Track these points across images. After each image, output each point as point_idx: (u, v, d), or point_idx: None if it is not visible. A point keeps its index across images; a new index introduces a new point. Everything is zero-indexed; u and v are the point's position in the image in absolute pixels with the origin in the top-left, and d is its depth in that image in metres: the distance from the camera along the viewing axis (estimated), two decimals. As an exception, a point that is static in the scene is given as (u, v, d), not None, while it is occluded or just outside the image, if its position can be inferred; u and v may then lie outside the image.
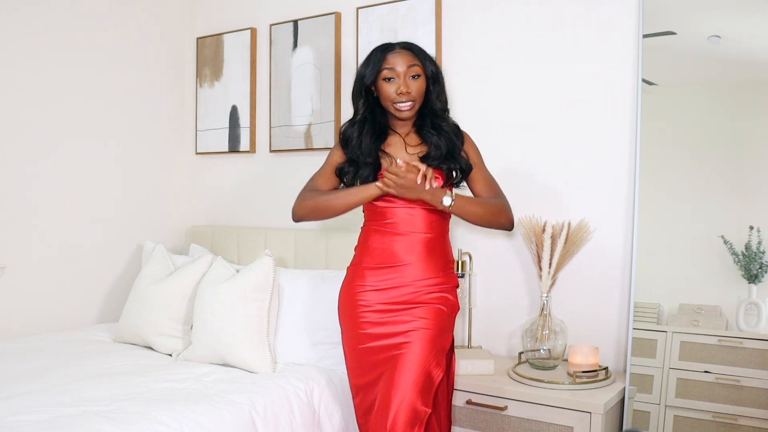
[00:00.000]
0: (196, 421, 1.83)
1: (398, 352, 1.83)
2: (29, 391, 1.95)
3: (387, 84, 1.89)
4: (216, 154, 3.33)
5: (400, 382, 1.79)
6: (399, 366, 1.81)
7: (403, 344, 1.84)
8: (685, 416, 2.18)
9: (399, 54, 1.89)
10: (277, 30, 3.09)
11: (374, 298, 1.91)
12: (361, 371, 1.92)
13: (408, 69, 1.88)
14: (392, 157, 1.93)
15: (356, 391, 1.96)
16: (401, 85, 1.87)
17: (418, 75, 1.89)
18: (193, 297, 2.52)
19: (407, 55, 1.89)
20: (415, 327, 1.85)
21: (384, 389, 1.82)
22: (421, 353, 1.82)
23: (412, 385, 1.78)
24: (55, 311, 2.85)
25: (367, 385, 1.90)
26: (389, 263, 1.90)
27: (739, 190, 2.21)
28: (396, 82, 1.88)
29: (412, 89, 1.87)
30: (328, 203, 1.93)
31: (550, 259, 2.33)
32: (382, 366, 1.86)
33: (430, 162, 1.89)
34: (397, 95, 1.87)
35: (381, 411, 1.79)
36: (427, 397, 1.80)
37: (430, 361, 1.83)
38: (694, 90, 2.33)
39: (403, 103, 1.88)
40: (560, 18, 2.47)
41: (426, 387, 1.81)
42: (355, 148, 1.94)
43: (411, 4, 2.72)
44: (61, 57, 2.84)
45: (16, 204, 2.70)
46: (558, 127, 2.48)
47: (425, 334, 1.84)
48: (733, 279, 2.17)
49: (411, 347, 1.83)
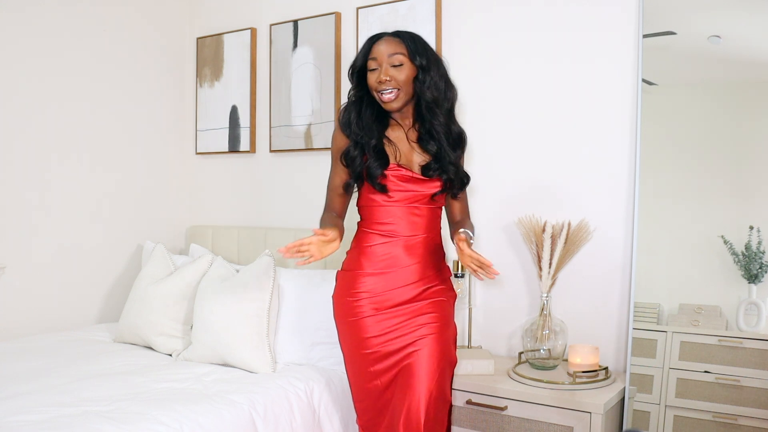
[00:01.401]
0: (196, 421, 1.83)
1: (413, 349, 1.83)
2: (29, 391, 1.95)
3: (370, 73, 1.87)
4: (216, 154, 3.33)
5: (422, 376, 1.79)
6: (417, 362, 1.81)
7: (417, 341, 1.83)
8: (685, 416, 2.18)
9: (385, 42, 1.86)
10: (277, 30, 3.09)
11: (376, 303, 1.87)
12: (368, 376, 1.88)
13: (390, 57, 1.84)
14: (396, 147, 1.89)
15: (363, 395, 1.91)
16: (381, 73, 1.83)
17: (400, 64, 1.84)
18: (193, 297, 2.52)
19: (393, 42, 1.86)
20: (424, 322, 1.85)
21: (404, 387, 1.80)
22: (436, 347, 1.83)
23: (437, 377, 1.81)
24: (55, 311, 2.85)
25: (377, 390, 1.87)
26: (393, 267, 1.88)
27: (739, 190, 2.21)
28: (377, 71, 1.85)
29: (392, 77, 1.83)
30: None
31: (550, 259, 2.33)
32: (396, 367, 1.85)
33: (431, 173, 1.86)
34: (378, 83, 1.84)
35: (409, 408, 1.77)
36: (447, 386, 1.86)
37: (445, 352, 1.85)
38: (694, 90, 2.33)
39: (384, 92, 1.84)
40: (560, 18, 2.47)
41: (446, 376, 1.85)
42: (356, 128, 1.89)
43: (411, 4, 2.72)
44: (61, 57, 2.84)
45: (16, 204, 2.70)
46: (558, 127, 2.48)
47: (435, 327, 1.85)
48: (733, 279, 2.17)
49: (425, 343, 1.83)
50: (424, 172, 1.87)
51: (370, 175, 1.86)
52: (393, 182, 1.86)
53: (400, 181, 1.86)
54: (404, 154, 1.89)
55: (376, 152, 1.86)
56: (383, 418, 1.86)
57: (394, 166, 1.86)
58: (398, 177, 1.86)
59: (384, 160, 1.85)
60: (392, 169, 1.86)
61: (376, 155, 1.85)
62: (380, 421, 1.87)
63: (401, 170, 1.86)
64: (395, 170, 1.86)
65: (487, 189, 2.58)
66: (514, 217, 2.51)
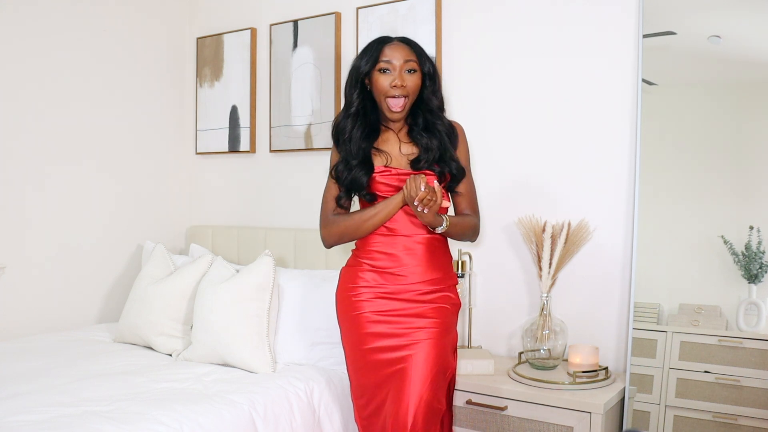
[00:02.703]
0: (196, 421, 1.83)
1: (409, 353, 1.82)
2: (29, 391, 1.95)
3: (382, 76, 1.86)
4: (216, 154, 3.33)
5: (416, 380, 1.79)
6: (412, 366, 1.81)
7: (413, 344, 1.83)
8: (685, 416, 2.18)
9: (396, 47, 1.87)
10: (277, 30, 3.09)
11: (376, 299, 1.89)
12: (367, 372, 1.89)
13: (405, 63, 1.85)
14: (387, 153, 1.90)
15: (362, 392, 1.93)
16: (396, 77, 1.84)
17: (414, 70, 1.86)
18: (193, 297, 2.52)
19: (405, 48, 1.88)
20: (423, 326, 1.85)
21: (398, 390, 1.81)
22: (432, 351, 1.82)
23: (429, 382, 1.79)
24: (55, 311, 2.85)
25: (375, 387, 1.88)
26: (391, 266, 1.89)
27: (739, 190, 2.21)
28: (391, 74, 1.85)
29: (407, 83, 1.85)
30: (357, 227, 1.89)
31: (550, 259, 2.33)
32: (392, 366, 1.84)
33: (420, 165, 1.87)
34: (391, 88, 1.85)
35: (398, 411, 1.78)
36: (441, 393, 1.83)
37: (441, 359, 1.83)
38: (694, 90, 2.33)
39: (395, 99, 1.85)
40: (560, 18, 2.47)
41: (440, 383, 1.83)
42: (345, 144, 1.91)
43: (411, 4, 2.72)
44: (61, 57, 2.84)
45: (16, 204, 2.70)
46: (558, 127, 2.48)
47: (434, 333, 1.84)
48: (733, 279, 2.17)
49: (421, 347, 1.82)
50: (414, 166, 1.88)
51: (357, 186, 1.88)
52: (383, 184, 1.88)
53: (390, 181, 1.88)
54: (395, 157, 1.91)
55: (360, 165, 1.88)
56: (379, 417, 1.86)
57: (380, 168, 1.88)
58: (388, 177, 1.88)
59: (368, 167, 1.87)
60: (379, 171, 1.88)
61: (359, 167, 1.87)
62: (376, 420, 1.88)
63: (390, 170, 1.88)
64: (383, 172, 1.88)
65: (487, 189, 2.57)
66: (514, 217, 2.51)
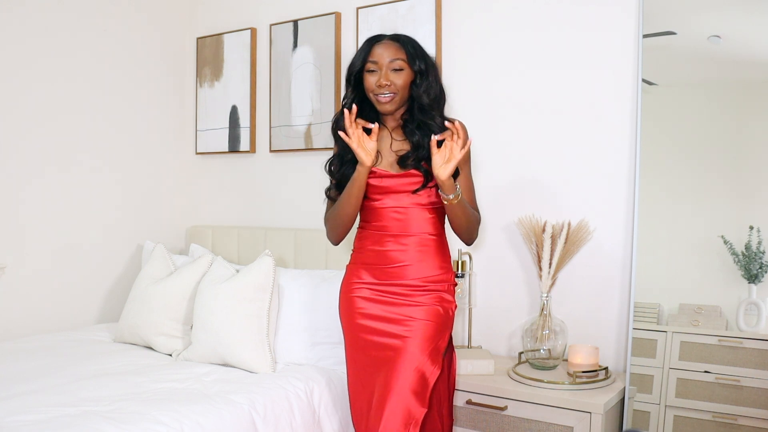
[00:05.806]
0: (196, 421, 1.83)
1: (393, 352, 1.83)
2: (29, 391, 1.95)
3: (369, 75, 1.89)
4: (216, 154, 3.33)
5: (395, 382, 1.79)
6: (394, 366, 1.81)
7: (398, 345, 1.84)
8: (685, 416, 2.18)
9: (384, 45, 1.88)
10: (277, 30, 3.09)
11: (371, 292, 1.92)
12: (361, 364, 1.91)
13: (390, 62, 1.86)
14: (379, 153, 1.91)
15: (354, 390, 1.95)
16: (381, 77, 1.86)
17: (400, 68, 1.87)
18: (193, 297, 2.52)
19: (393, 47, 1.88)
20: (411, 327, 1.85)
21: (380, 390, 1.82)
22: (415, 353, 1.82)
23: (407, 385, 1.78)
24: (55, 311, 2.85)
25: (365, 382, 1.89)
26: (384, 264, 1.90)
27: (739, 190, 2.21)
28: (377, 74, 1.87)
29: (393, 82, 1.86)
30: (337, 211, 1.92)
31: (550, 259, 2.33)
32: (379, 364, 1.86)
33: (408, 163, 1.88)
34: (377, 87, 1.87)
35: (376, 411, 1.79)
36: (421, 397, 1.80)
37: (424, 361, 1.82)
38: (694, 90, 2.33)
39: (382, 95, 1.87)
40: (560, 18, 2.47)
41: (420, 387, 1.80)
42: (340, 140, 1.93)
43: (411, 4, 2.72)
44: (61, 58, 2.84)
45: (16, 204, 2.70)
46: (558, 126, 2.48)
47: (420, 334, 1.84)
48: (733, 279, 2.17)
49: (406, 348, 1.83)
50: (401, 163, 1.89)
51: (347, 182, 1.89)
52: (371, 186, 1.90)
53: (378, 183, 1.89)
54: (384, 154, 1.93)
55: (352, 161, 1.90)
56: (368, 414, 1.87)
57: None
58: (372, 178, 1.89)
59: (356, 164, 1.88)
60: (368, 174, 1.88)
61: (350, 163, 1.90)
62: (366, 418, 1.88)
63: (377, 171, 1.89)
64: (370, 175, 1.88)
65: (487, 189, 2.57)
66: (514, 217, 2.51)
